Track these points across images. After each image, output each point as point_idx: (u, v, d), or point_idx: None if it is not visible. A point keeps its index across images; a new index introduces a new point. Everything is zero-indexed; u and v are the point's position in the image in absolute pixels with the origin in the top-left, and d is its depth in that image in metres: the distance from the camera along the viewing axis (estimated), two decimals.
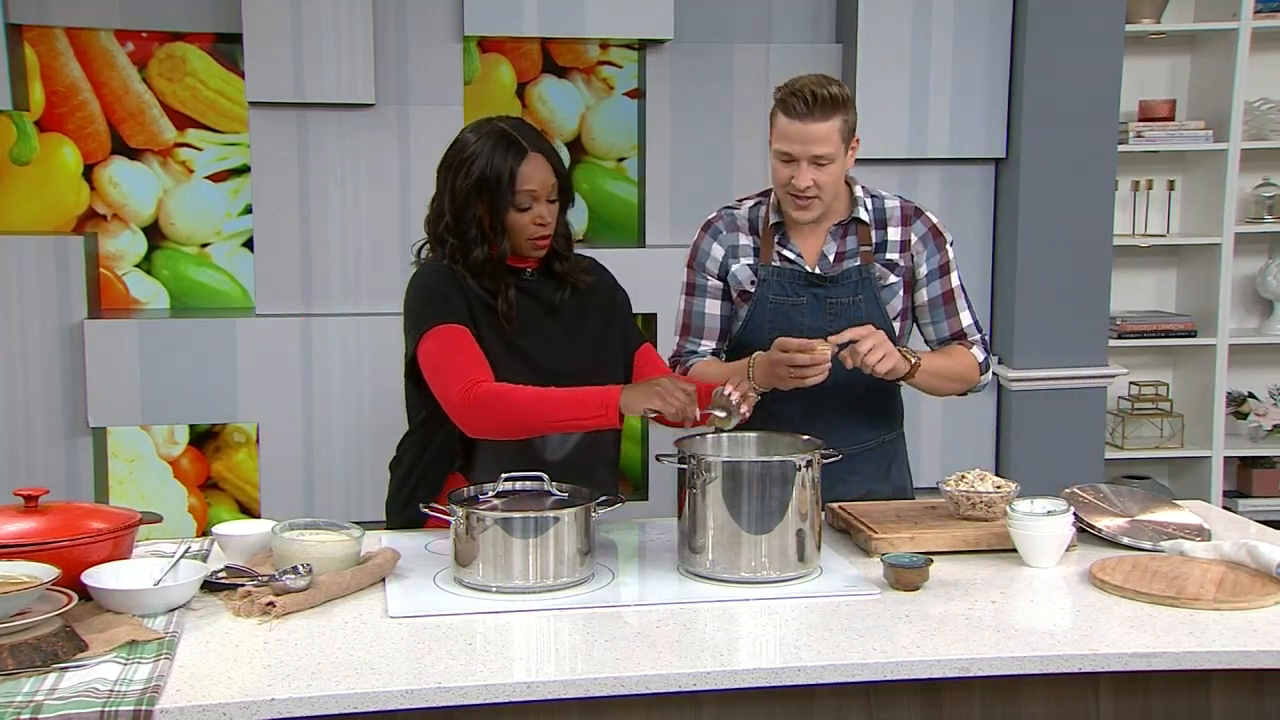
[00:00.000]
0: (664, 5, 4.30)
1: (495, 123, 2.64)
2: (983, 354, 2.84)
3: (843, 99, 2.67)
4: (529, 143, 2.60)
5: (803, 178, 2.67)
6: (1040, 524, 2.35)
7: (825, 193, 2.70)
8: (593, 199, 4.64)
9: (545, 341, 2.64)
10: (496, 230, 2.59)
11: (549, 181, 2.60)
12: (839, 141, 2.67)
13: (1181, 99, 4.97)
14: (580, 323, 2.70)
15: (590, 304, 2.73)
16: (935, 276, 2.80)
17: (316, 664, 1.90)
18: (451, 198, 2.61)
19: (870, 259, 2.76)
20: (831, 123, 2.65)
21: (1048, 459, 4.41)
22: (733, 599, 2.20)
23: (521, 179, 2.57)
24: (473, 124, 2.68)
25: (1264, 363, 5.13)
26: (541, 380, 2.51)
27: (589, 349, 2.68)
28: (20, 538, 2.09)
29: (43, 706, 1.71)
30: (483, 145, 2.59)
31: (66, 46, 4.29)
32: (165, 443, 4.49)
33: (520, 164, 2.57)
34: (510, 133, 2.60)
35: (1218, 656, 1.98)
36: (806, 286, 2.77)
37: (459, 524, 2.24)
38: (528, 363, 2.59)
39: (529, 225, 2.60)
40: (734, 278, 2.83)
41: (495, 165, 2.57)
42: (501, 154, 2.57)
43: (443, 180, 2.65)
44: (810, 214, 2.73)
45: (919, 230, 2.80)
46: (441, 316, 2.55)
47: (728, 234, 2.85)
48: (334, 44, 4.15)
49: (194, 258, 4.45)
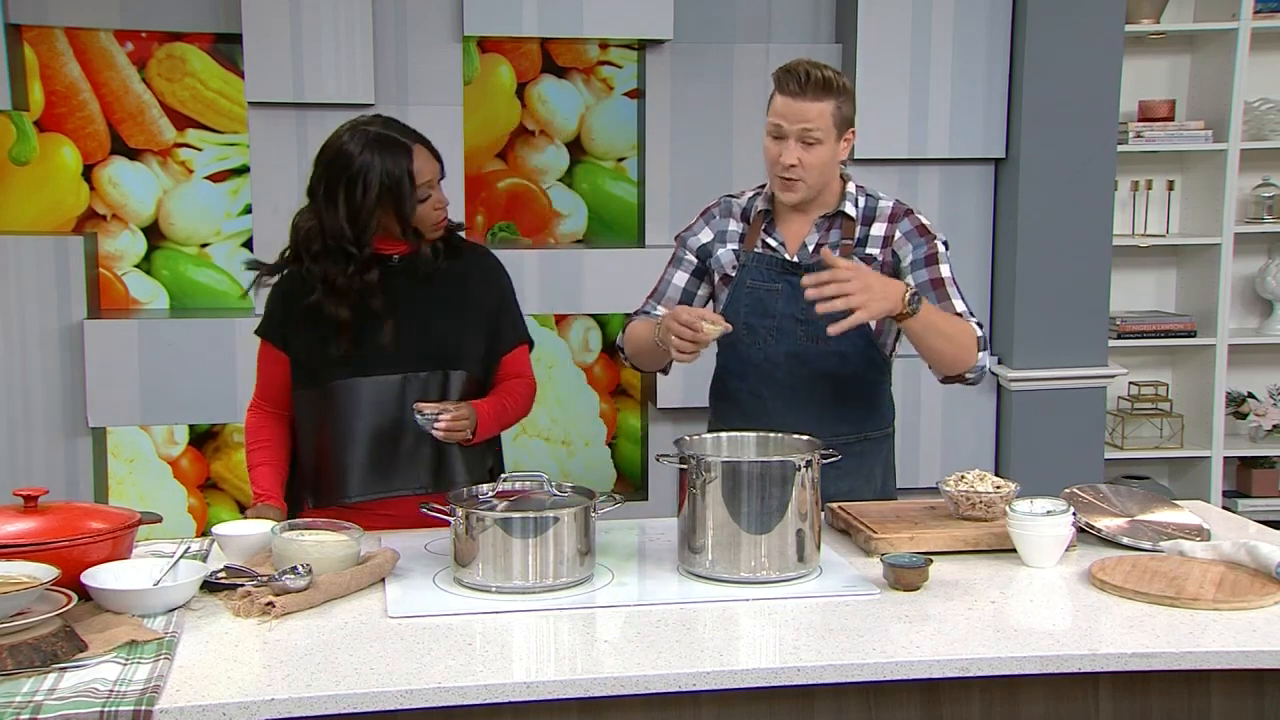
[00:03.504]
0: (664, 5, 4.30)
1: (365, 129, 2.67)
2: (981, 332, 2.74)
3: (838, 85, 2.68)
4: (407, 137, 2.67)
5: (789, 154, 2.68)
6: (1040, 524, 2.35)
7: (810, 175, 2.70)
8: (592, 199, 4.64)
9: (404, 325, 2.71)
10: (406, 229, 2.67)
11: (435, 166, 2.71)
12: (830, 125, 2.67)
13: (1181, 99, 4.97)
14: (437, 308, 2.76)
15: (457, 288, 2.79)
16: (921, 265, 2.75)
17: (316, 664, 1.90)
18: (353, 214, 2.63)
19: (849, 251, 2.75)
20: (823, 104, 2.66)
21: (1047, 459, 4.41)
22: (732, 599, 2.20)
23: (418, 175, 2.65)
24: (344, 136, 2.67)
25: (1263, 363, 5.13)
26: (392, 365, 2.69)
27: (445, 334, 2.76)
28: (20, 538, 2.08)
29: (42, 707, 1.71)
30: (370, 155, 2.62)
31: (66, 46, 4.29)
32: (165, 443, 4.49)
33: (411, 161, 2.64)
34: (387, 134, 2.66)
35: (1217, 656, 1.98)
36: (783, 273, 2.78)
37: (459, 524, 2.24)
38: (381, 349, 2.70)
39: (430, 212, 2.70)
40: (717, 262, 2.87)
41: (391, 172, 2.62)
42: (392, 158, 2.63)
43: (330, 197, 2.64)
44: (794, 195, 2.73)
45: (904, 227, 2.78)
46: (260, 329, 2.80)
47: (720, 219, 2.90)
48: (333, 44, 4.15)
49: (193, 258, 4.45)
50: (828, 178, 2.75)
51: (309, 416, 2.76)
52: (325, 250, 2.66)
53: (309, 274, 2.68)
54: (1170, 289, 5.12)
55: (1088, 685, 2.02)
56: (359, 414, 2.71)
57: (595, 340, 4.71)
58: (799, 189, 2.72)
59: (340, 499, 2.73)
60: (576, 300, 4.41)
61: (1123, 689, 2.02)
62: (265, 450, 2.78)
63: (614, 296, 4.40)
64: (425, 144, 2.70)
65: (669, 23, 4.32)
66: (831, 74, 2.68)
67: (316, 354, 2.70)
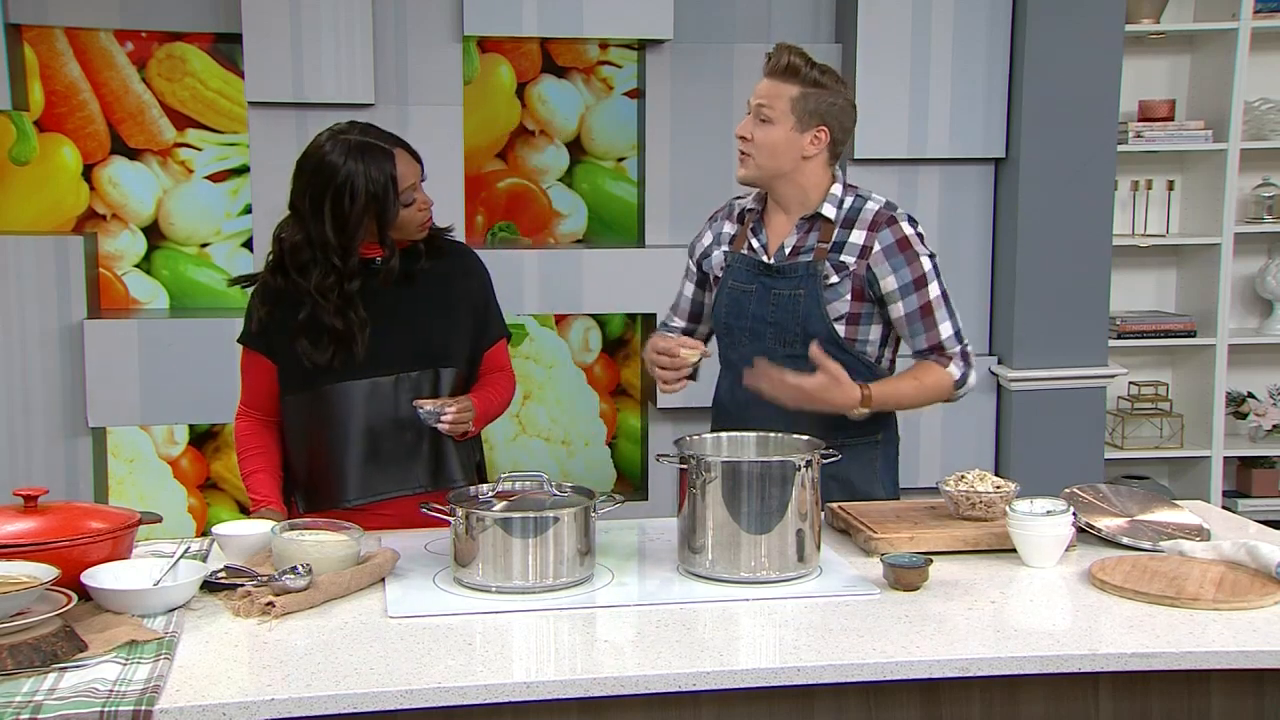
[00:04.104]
0: (664, 5, 4.30)
1: (345, 137, 2.66)
2: (960, 369, 2.75)
3: (808, 76, 2.69)
4: (387, 142, 2.67)
5: (743, 125, 2.74)
6: (1040, 524, 2.35)
7: (759, 153, 2.72)
8: (592, 199, 4.64)
9: (386, 329, 2.71)
10: (384, 236, 2.67)
11: (417, 168, 2.71)
12: (786, 109, 2.69)
13: (1181, 99, 4.97)
14: (424, 308, 2.77)
15: (442, 287, 2.80)
16: (910, 290, 2.72)
17: (316, 664, 1.90)
18: (340, 223, 2.63)
19: (823, 255, 2.74)
20: (784, 86, 2.69)
21: (1047, 459, 4.41)
22: (732, 599, 2.20)
23: (401, 180, 2.65)
24: (324, 146, 2.66)
25: (1263, 363, 5.13)
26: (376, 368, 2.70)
27: (433, 333, 2.76)
28: (20, 538, 2.08)
29: (42, 707, 1.71)
30: (354, 164, 2.62)
31: (66, 46, 4.29)
32: (165, 443, 4.49)
33: (394, 166, 2.64)
34: (368, 141, 2.65)
35: (1217, 656, 1.98)
36: (757, 275, 2.79)
37: (459, 524, 2.24)
38: (372, 351, 2.70)
39: (416, 214, 2.71)
40: (709, 264, 2.90)
41: (376, 179, 2.62)
42: (375, 165, 2.63)
43: (316, 207, 2.64)
44: (743, 170, 2.77)
45: (884, 240, 2.72)
46: (243, 337, 2.80)
47: (719, 222, 2.94)
48: (333, 44, 4.14)
49: (194, 258, 4.45)
50: (780, 164, 2.73)
51: (300, 421, 2.76)
52: (314, 260, 2.66)
53: (298, 287, 2.68)
54: (1170, 289, 5.12)
55: (1088, 685, 2.02)
56: (353, 417, 2.71)
57: (595, 340, 4.71)
58: (747, 164, 2.76)
59: (338, 503, 2.73)
60: (576, 300, 4.41)
61: (1123, 689, 2.02)
62: (259, 457, 2.78)
63: (614, 296, 4.40)
64: (405, 147, 2.71)
65: (669, 23, 4.32)
66: (802, 63, 2.69)
67: (306, 359, 2.70)
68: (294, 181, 2.70)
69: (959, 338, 2.77)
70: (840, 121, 2.74)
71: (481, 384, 2.85)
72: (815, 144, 2.72)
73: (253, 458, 2.78)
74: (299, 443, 2.78)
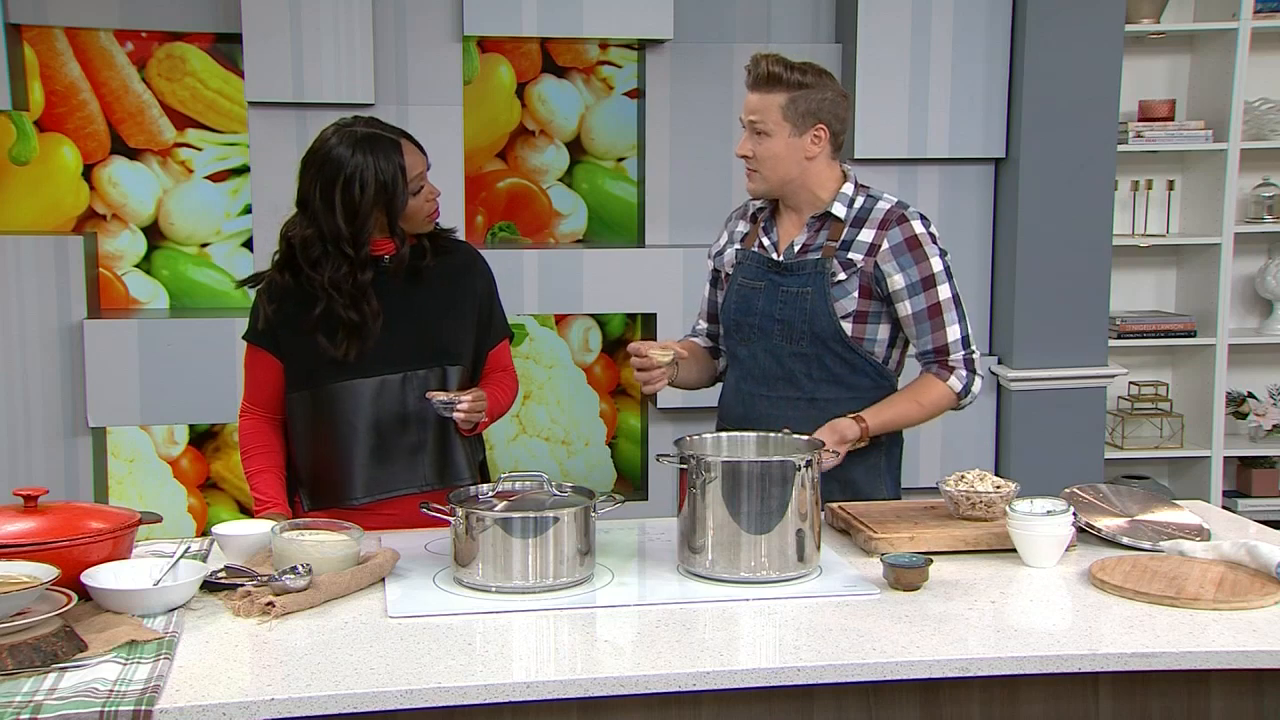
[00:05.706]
0: (664, 5, 4.30)
1: (351, 130, 2.67)
2: (963, 380, 2.75)
3: (790, 80, 2.69)
4: (392, 134, 2.69)
5: (742, 145, 2.76)
6: (1040, 524, 2.35)
7: (763, 166, 2.74)
8: (592, 199, 4.64)
9: (395, 326, 2.72)
10: (394, 227, 2.68)
11: (423, 159, 2.73)
12: (778, 118, 2.70)
13: (1181, 99, 4.97)
14: (432, 305, 2.77)
15: (449, 285, 2.81)
16: (919, 289, 2.72)
17: (316, 664, 1.90)
18: (350, 214, 2.63)
19: (831, 253, 2.75)
20: (770, 96, 2.70)
21: (1047, 459, 4.41)
22: (732, 599, 2.20)
23: (409, 169, 2.67)
24: (331, 140, 2.67)
25: (1263, 363, 5.13)
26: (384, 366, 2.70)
27: (441, 331, 2.77)
28: (20, 538, 2.08)
29: (42, 707, 1.71)
30: (362, 156, 2.63)
31: (66, 46, 4.29)
32: (165, 443, 4.49)
33: (402, 156, 2.66)
34: (375, 133, 2.67)
35: (1217, 656, 1.98)
36: (766, 272, 2.80)
37: (459, 524, 2.24)
38: (380, 349, 2.71)
39: (424, 204, 2.72)
40: (721, 261, 2.93)
41: (385, 169, 2.63)
42: (384, 155, 2.64)
43: (327, 200, 2.64)
44: (751, 185, 2.79)
45: (893, 238, 2.72)
46: (249, 334, 2.79)
47: (735, 221, 2.96)
48: (333, 44, 4.15)
49: (194, 258, 4.46)
50: (787, 171, 2.74)
51: (306, 419, 2.76)
52: (325, 255, 2.66)
53: (309, 283, 2.68)
54: (1170, 289, 5.12)
55: (1088, 685, 2.02)
56: (361, 414, 2.72)
57: (595, 340, 4.71)
58: (755, 179, 2.77)
59: (345, 500, 2.73)
60: (576, 300, 4.41)
61: (1123, 689, 2.02)
62: (263, 456, 2.78)
63: (614, 296, 4.40)
64: (409, 138, 2.73)
65: (669, 23, 4.32)
66: (782, 69, 2.69)
67: (314, 356, 2.70)
68: (301, 177, 2.70)
69: (965, 343, 2.76)
70: (835, 114, 2.74)
71: (487, 382, 2.85)
72: (816, 143, 2.73)
73: (257, 456, 2.78)
74: (305, 440, 2.78)
